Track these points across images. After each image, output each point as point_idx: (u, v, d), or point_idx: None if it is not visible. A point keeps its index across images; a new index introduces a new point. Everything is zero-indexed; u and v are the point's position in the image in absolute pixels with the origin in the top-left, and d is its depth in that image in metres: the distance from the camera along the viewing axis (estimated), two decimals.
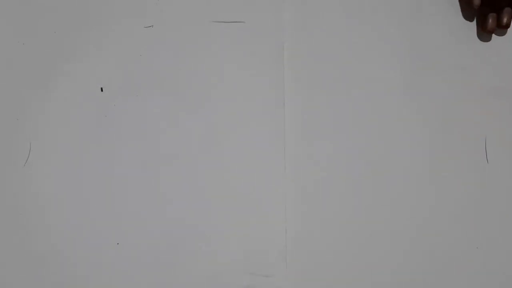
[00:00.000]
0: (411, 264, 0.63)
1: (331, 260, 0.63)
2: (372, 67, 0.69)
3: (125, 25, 0.67)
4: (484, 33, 0.69)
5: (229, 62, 0.68)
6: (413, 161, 0.66)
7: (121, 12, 0.67)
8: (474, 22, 0.71)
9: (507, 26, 0.67)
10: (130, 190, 0.64)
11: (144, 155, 0.65)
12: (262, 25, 0.69)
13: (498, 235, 0.64)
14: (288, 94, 0.67)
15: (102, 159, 0.65)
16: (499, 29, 0.69)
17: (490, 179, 0.66)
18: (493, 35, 0.69)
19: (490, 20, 0.67)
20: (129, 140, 0.65)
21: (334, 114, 0.67)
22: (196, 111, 0.66)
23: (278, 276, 0.62)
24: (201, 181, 0.64)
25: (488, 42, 0.70)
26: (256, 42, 0.69)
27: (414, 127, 0.67)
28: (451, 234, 0.64)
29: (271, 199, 0.64)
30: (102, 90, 0.66)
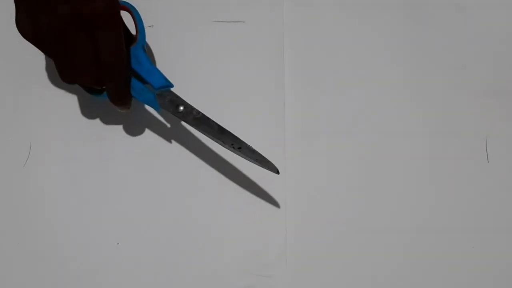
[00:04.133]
0: (410, 264, 0.63)
1: (331, 260, 0.62)
2: (372, 67, 0.69)
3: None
4: None
5: (229, 62, 0.68)
6: (413, 161, 0.66)
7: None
8: (474, 22, 0.71)
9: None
10: (130, 190, 0.64)
11: (144, 155, 0.65)
12: (262, 25, 0.70)
13: (498, 235, 0.64)
14: (288, 94, 0.67)
15: (102, 159, 0.64)
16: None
17: (490, 179, 0.66)
18: None
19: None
20: (129, 139, 0.65)
21: (334, 114, 0.67)
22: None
23: (278, 276, 0.62)
24: (201, 181, 0.64)
25: (488, 42, 0.70)
26: (256, 42, 0.69)
27: (414, 127, 0.67)
28: (451, 234, 0.64)
29: (271, 199, 0.64)
30: None
